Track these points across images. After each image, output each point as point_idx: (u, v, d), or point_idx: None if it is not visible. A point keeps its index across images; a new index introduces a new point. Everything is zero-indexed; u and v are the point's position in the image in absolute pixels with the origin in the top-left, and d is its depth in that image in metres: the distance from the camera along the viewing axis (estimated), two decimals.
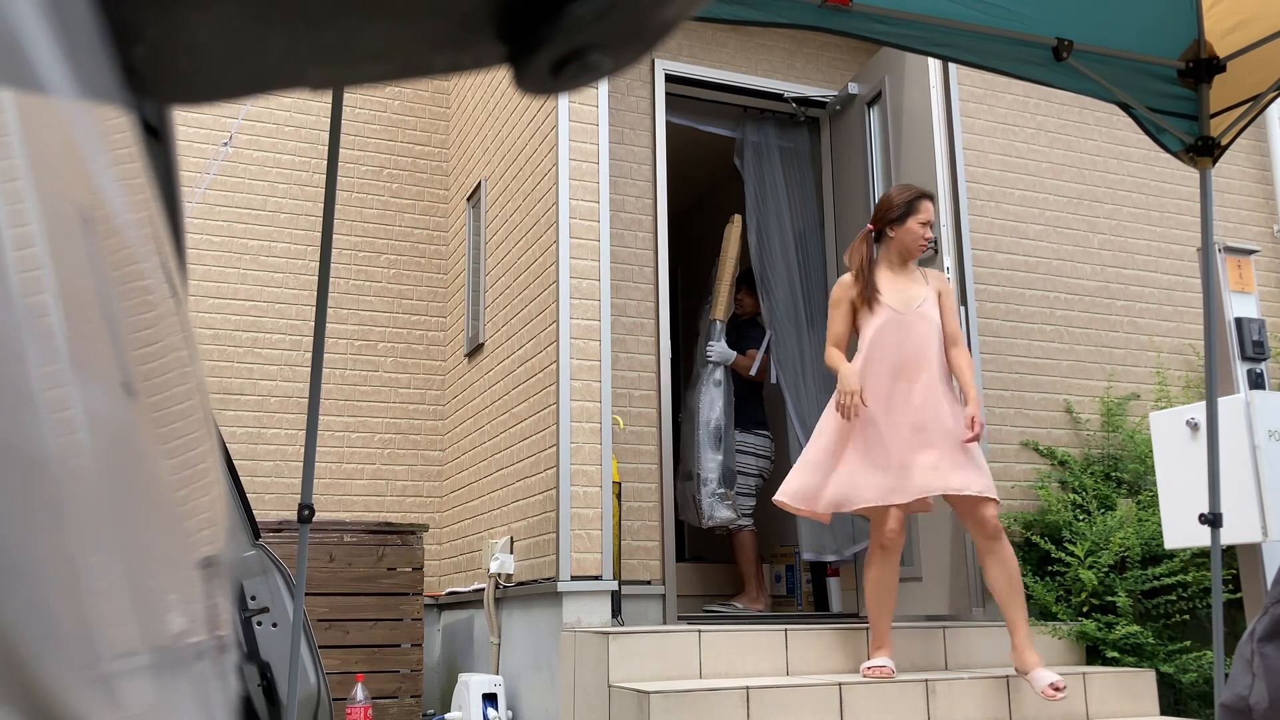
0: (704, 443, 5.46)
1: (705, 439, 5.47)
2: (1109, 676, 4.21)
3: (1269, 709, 1.29)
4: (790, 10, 3.04)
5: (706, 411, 5.54)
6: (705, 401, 5.56)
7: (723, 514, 5.39)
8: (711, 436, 5.48)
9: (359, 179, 6.53)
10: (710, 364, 5.65)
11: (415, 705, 4.82)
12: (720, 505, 5.40)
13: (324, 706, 2.78)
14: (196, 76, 0.41)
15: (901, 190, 4.21)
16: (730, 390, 5.64)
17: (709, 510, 5.40)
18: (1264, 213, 6.30)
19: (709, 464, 5.42)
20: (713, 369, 5.63)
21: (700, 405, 5.56)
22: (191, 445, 0.45)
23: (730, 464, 5.54)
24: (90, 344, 0.34)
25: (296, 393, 6.12)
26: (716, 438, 5.48)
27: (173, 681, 0.37)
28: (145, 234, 0.41)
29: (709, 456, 5.43)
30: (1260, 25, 3.26)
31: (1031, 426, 5.33)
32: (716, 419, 5.52)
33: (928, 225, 4.15)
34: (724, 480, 5.45)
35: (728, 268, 5.76)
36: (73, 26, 0.32)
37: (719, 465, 5.44)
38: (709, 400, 5.56)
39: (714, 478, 5.40)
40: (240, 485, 2.78)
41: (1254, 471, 3.62)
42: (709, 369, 5.63)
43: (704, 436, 5.48)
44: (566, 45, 0.39)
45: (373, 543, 4.84)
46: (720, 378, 5.60)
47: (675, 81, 5.46)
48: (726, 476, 5.47)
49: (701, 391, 5.60)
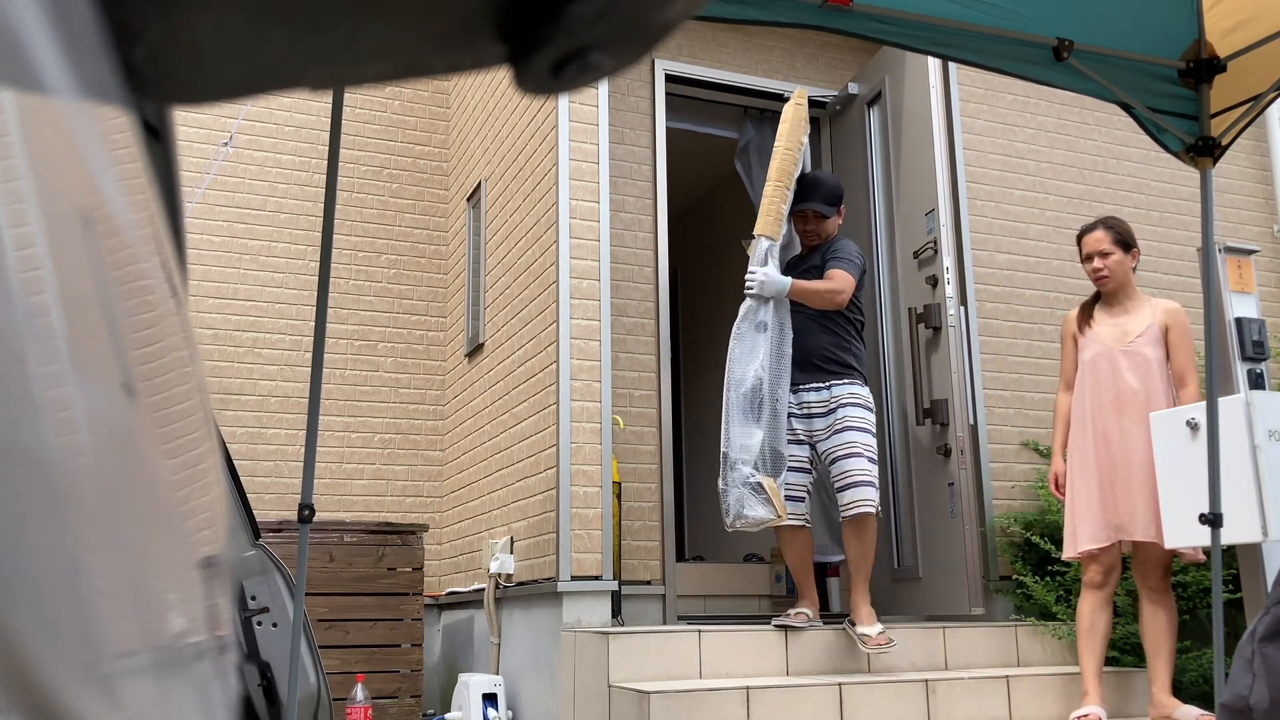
0: (734, 410, 4.09)
1: (736, 405, 4.09)
2: (1109, 676, 4.21)
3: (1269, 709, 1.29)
4: (791, 10, 3.04)
5: (741, 366, 4.13)
6: (740, 353, 4.15)
7: (756, 512, 3.97)
8: (744, 401, 4.08)
9: (359, 179, 6.53)
10: (750, 298, 4.19)
11: (415, 705, 4.82)
12: (753, 499, 3.99)
13: (324, 706, 2.78)
14: (196, 76, 0.41)
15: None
16: (781, 336, 4.17)
17: (736, 505, 4.01)
18: (1264, 213, 6.30)
19: (739, 439, 4.06)
20: (755, 306, 4.18)
21: (733, 358, 4.17)
22: (191, 445, 0.45)
23: (775, 442, 4.09)
24: (90, 344, 0.34)
25: (296, 393, 6.12)
26: (752, 403, 4.07)
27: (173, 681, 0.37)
28: (145, 234, 0.41)
29: (738, 430, 4.06)
30: (1260, 25, 3.26)
31: (1031, 426, 5.33)
32: (755, 376, 4.09)
33: (1089, 258, 4.11)
34: (764, 463, 4.04)
35: (783, 162, 4.24)
36: (73, 26, 0.32)
37: (758, 443, 4.04)
38: (746, 350, 4.14)
39: (747, 459, 4.02)
40: (240, 485, 2.78)
41: (1254, 471, 3.62)
42: (748, 307, 4.19)
43: (734, 401, 4.10)
44: (567, 45, 0.39)
45: (373, 543, 4.84)
46: (766, 318, 4.16)
47: (675, 81, 5.46)
48: (768, 458, 4.06)
49: (736, 340, 4.18)
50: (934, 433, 4.88)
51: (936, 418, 4.83)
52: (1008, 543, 5.03)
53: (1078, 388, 4.11)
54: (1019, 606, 4.88)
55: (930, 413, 4.87)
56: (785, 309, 4.21)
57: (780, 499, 4.01)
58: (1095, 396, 4.03)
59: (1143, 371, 3.97)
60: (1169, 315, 4.03)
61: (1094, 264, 4.07)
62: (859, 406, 4.21)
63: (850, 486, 4.14)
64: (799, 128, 4.29)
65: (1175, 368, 3.99)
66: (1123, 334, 4.03)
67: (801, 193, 4.33)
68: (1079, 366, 4.12)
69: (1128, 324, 4.05)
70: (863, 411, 4.21)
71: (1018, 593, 4.91)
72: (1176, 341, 4.00)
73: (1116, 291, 4.09)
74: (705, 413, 7.62)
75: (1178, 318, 4.03)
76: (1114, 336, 4.04)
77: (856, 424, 4.18)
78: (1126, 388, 3.97)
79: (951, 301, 4.87)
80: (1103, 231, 4.08)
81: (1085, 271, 4.15)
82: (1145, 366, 3.97)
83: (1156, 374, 3.97)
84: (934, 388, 4.88)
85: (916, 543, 4.92)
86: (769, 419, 4.07)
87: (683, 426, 7.49)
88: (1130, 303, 4.09)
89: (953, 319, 4.84)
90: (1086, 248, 4.11)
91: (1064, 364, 4.23)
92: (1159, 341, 4.00)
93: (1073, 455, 4.08)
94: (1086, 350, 4.09)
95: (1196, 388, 3.96)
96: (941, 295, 4.89)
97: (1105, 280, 4.06)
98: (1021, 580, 4.84)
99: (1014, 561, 4.96)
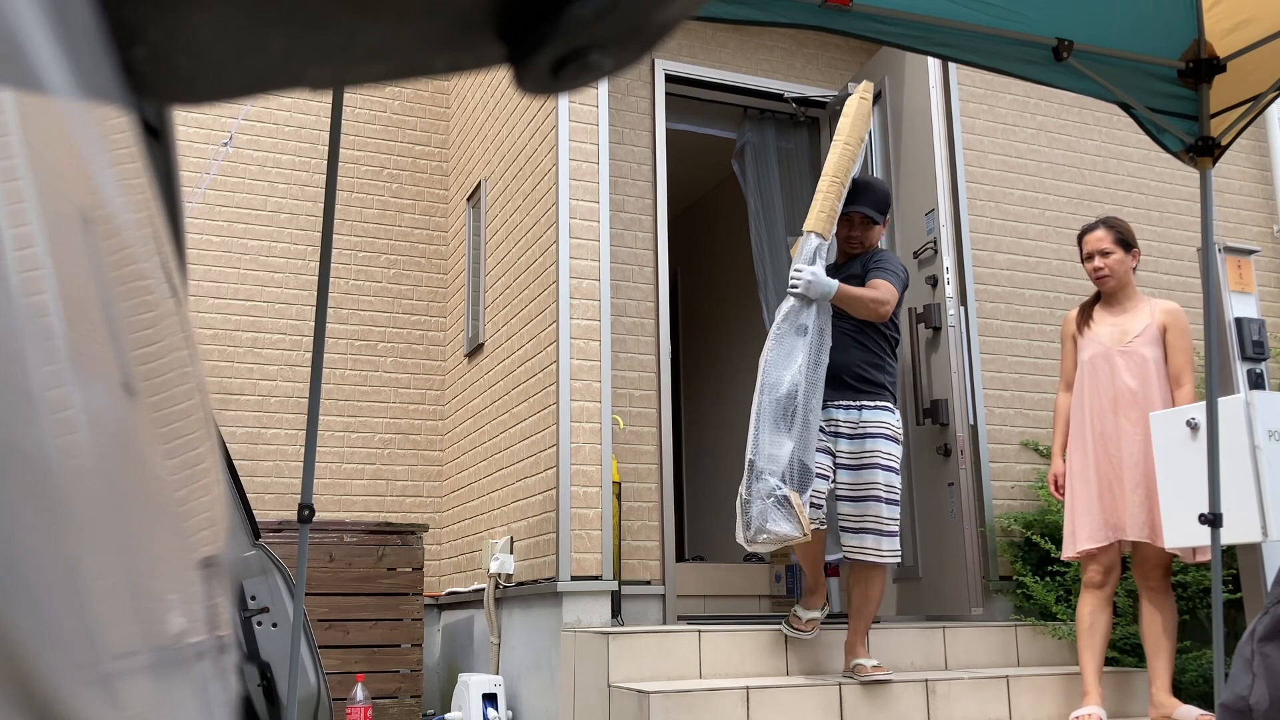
0: (764, 416, 3.72)
1: (768, 411, 3.72)
2: (1109, 676, 4.21)
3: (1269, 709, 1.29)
4: (790, 10, 3.04)
5: (777, 370, 3.74)
6: (778, 355, 3.76)
7: (781, 528, 3.62)
8: (777, 408, 3.71)
9: (359, 179, 6.53)
10: (793, 297, 3.81)
11: (415, 705, 4.82)
12: (778, 513, 3.63)
13: (324, 706, 2.78)
14: (196, 76, 0.41)
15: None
16: (821, 344, 3.81)
17: (759, 519, 3.64)
18: (1264, 213, 6.30)
19: (768, 448, 3.68)
20: (797, 307, 3.80)
21: (769, 361, 3.78)
22: (191, 445, 0.45)
23: (805, 455, 3.73)
24: (90, 344, 0.34)
25: (296, 393, 6.12)
26: (786, 411, 3.71)
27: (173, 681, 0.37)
28: (145, 234, 0.41)
29: (768, 438, 3.69)
30: (1260, 25, 3.26)
31: (1031, 426, 5.33)
32: (791, 382, 3.72)
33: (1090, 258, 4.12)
34: (791, 476, 3.69)
35: (841, 158, 3.91)
36: (73, 26, 0.32)
37: (788, 454, 3.69)
38: (784, 353, 3.76)
39: (775, 470, 3.67)
40: (240, 485, 2.78)
41: (1254, 471, 3.62)
42: (790, 308, 3.81)
43: (766, 407, 3.73)
44: (566, 45, 0.39)
45: (373, 543, 4.84)
46: (808, 321, 3.78)
47: (675, 81, 5.46)
48: (796, 472, 3.70)
49: (774, 341, 3.81)
50: (934, 433, 4.88)
51: (936, 418, 4.83)
52: (1008, 543, 5.03)
53: (1077, 388, 4.11)
54: (1019, 606, 4.88)
55: (930, 413, 4.87)
56: (828, 314, 3.87)
57: (805, 516, 3.66)
58: (1094, 397, 4.03)
59: (1141, 372, 3.97)
60: (1167, 315, 4.03)
61: (1095, 263, 4.07)
62: (888, 439, 3.93)
63: (863, 531, 3.90)
64: (861, 123, 3.95)
65: (1172, 368, 3.99)
66: (1121, 334, 4.04)
67: (850, 195, 4.00)
68: (1078, 366, 4.12)
69: (1126, 324, 4.05)
70: (891, 445, 3.93)
71: (1018, 593, 4.91)
72: (1174, 342, 4.00)
73: (1116, 291, 4.09)
74: (705, 412, 7.62)
75: (1176, 318, 4.03)
76: (1112, 337, 4.04)
77: (883, 461, 3.90)
78: (1124, 388, 3.97)
79: (951, 301, 4.87)
80: (1104, 231, 4.09)
81: (1086, 271, 4.16)
82: (1143, 367, 3.97)
83: (1154, 374, 3.97)
84: (934, 388, 4.88)
85: (916, 543, 4.92)
86: (800, 429, 3.71)
87: (683, 426, 7.49)
88: (1130, 303, 4.09)
89: (952, 319, 4.84)
90: (1088, 247, 4.11)
91: (1064, 364, 4.23)
92: (1157, 342, 4.00)
93: (1072, 455, 4.08)
94: (1085, 350, 4.09)
95: (1193, 388, 3.96)
96: (941, 295, 4.89)
97: (1106, 280, 4.06)
98: (1021, 580, 4.84)
99: (1014, 561, 4.96)
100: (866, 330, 3.98)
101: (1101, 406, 4.01)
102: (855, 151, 3.93)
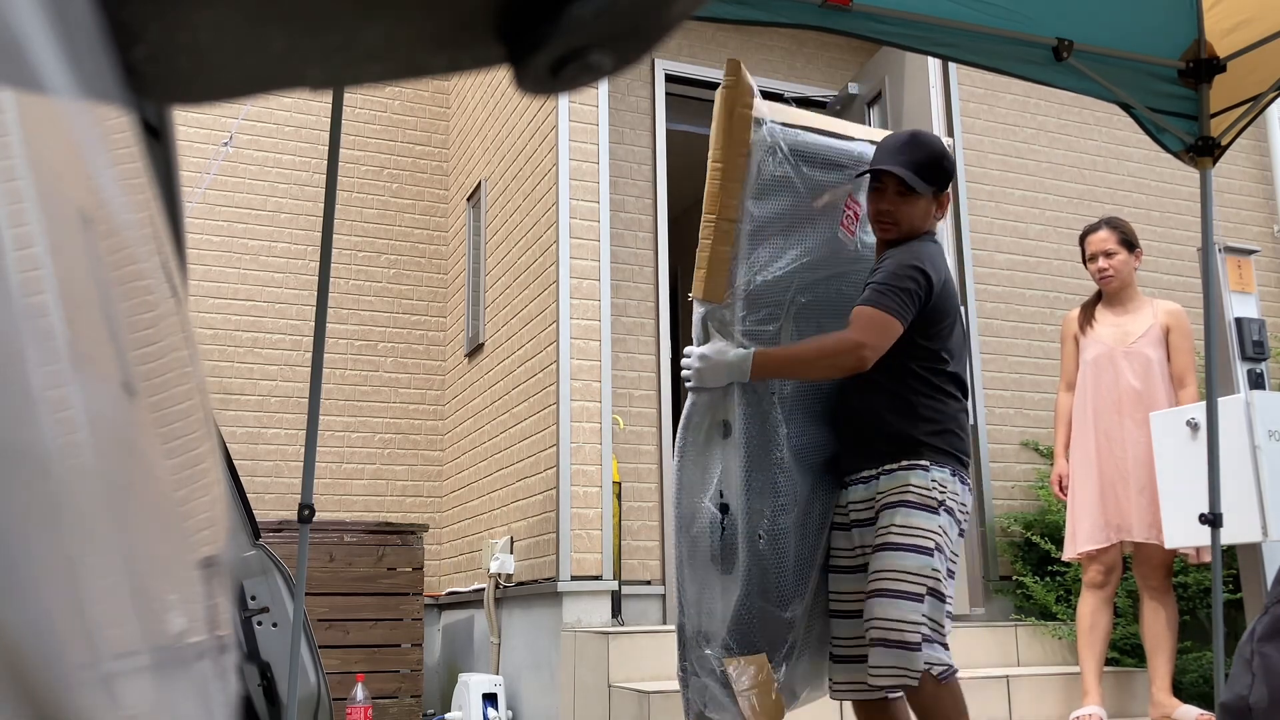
0: (684, 563, 2.69)
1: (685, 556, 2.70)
2: (1109, 676, 4.21)
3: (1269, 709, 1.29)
4: (791, 10, 3.04)
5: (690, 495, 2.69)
6: (689, 476, 2.68)
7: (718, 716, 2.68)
8: (696, 551, 2.68)
9: (359, 179, 6.53)
10: (691, 393, 2.68)
11: (415, 705, 4.82)
12: (720, 695, 2.64)
13: (324, 706, 2.78)
14: (196, 76, 0.41)
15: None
16: (767, 436, 2.69)
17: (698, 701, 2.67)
18: (1264, 213, 6.30)
19: (696, 605, 2.68)
20: (708, 402, 2.66)
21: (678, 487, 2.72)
22: (191, 445, 0.45)
23: (764, 598, 2.74)
24: (90, 344, 0.34)
25: (296, 393, 6.12)
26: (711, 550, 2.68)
27: (173, 681, 0.37)
28: (145, 234, 0.41)
29: (694, 593, 2.68)
30: (1260, 25, 3.26)
31: (1031, 426, 5.33)
32: (710, 512, 2.67)
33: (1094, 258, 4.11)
34: (737, 635, 2.71)
35: (712, 183, 2.85)
36: (73, 26, 0.32)
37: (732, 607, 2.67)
38: (698, 471, 2.68)
39: (710, 635, 2.67)
40: (240, 485, 2.78)
41: (1254, 471, 3.62)
42: (697, 404, 2.68)
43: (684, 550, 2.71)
44: (566, 45, 0.39)
45: (373, 543, 4.84)
46: (729, 415, 2.66)
47: (675, 81, 5.46)
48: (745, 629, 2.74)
49: (678, 458, 2.70)
50: None
51: None
52: (1008, 543, 5.03)
53: (1079, 388, 4.11)
54: (1019, 606, 4.88)
55: None
56: (768, 389, 2.68)
57: (768, 694, 2.57)
58: (1097, 397, 4.03)
59: (1144, 372, 3.97)
60: (1170, 316, 4.03)
61: (1099, 264, 4.06)
62: (907, 506, 2.57)
63: (874, 645, 2.52)
64: (739, 124, 2.84)
65: (1175, 369, 3.99)
66: (1124, 335, 4.03)
67: (879, 153, 2.82)
68: (1081, 367, 4.12)
69: (1129, 325, 4.05)
70: (910, 513, 2.56)
71: (1018, 593, 4.91)
72: (1177, 343, 4.00)
73: (1119, 292, 4.09)
74: None
75: (1179, 319, 4.03)
76: (1115, 337, 4.04)
77: (897, 540, 2.54)
78: (1128, 388, 3.97)
79: None
80: (1107, 231, 4.08)
81: (1089, 271, 4.15)
82: (1146, 367, 3.97)
83: (1158, 375, 3.97)
84: None
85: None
86: (747, 560, 2.61)
87: None
88: (1132, 303, 4.09)
89: None
90: (1091, 248, 4.10)
91: (1065, 364, 4.22)
92: (1160, 342, 4.00)
93: (1075, 455, 4.08)
94: (1088, 351, 4.09)
95: (1196, 389, 3.96)
96: None
97: (1110, 280, 4.06)
98: (1021, 580, 4.84)
99: (1014, 561, 4.96)
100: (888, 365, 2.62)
101: (1105, 407, 4.01)
102: (736, 168, 2.78)
